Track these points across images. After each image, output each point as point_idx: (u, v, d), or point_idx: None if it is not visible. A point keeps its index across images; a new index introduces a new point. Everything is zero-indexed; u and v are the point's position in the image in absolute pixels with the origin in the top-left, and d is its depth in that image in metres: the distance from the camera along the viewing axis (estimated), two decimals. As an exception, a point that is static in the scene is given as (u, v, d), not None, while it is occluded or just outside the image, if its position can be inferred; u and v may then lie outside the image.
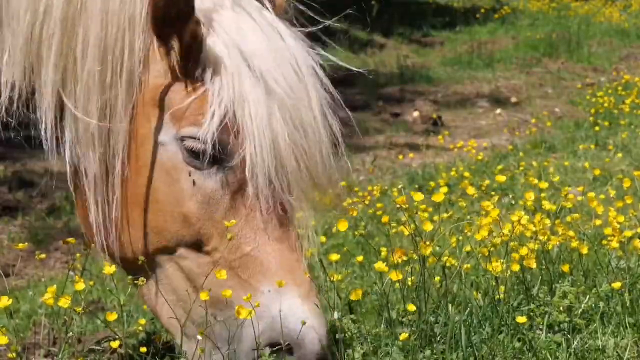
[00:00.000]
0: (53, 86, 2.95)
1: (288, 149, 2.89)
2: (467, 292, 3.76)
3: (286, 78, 2.94)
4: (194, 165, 2.91)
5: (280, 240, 2.91)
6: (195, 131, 2.88)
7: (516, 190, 7.59)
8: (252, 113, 2.88)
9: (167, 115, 2.93)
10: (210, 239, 2.92)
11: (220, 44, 2.93)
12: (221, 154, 2.89)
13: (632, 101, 11.41)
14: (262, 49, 2.95)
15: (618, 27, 19.02)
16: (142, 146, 2.96)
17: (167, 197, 2.94)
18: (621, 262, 4.04)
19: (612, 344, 3.46)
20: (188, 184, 2.92)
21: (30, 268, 7.03)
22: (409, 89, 13.81)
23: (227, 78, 2.89)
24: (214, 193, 2.91)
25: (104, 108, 2.93)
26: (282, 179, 2.90)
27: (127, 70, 2.91)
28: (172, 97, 2.93)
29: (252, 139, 2.87)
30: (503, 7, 21.38)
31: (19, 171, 9.58)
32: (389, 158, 10.23)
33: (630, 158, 8.93)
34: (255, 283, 2.87)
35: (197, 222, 2.91)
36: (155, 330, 4.00)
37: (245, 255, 2.89)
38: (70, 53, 2.95)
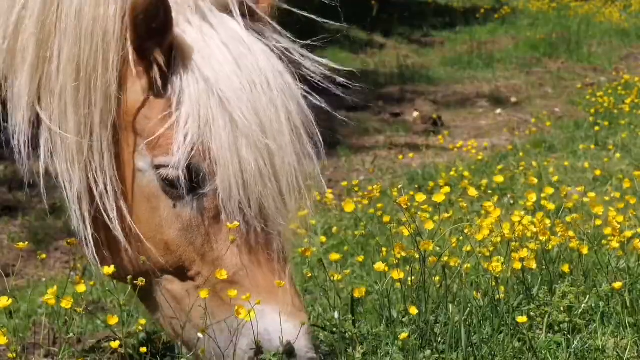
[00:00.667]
0: (28, 98, 2.95)
1: (255, 175, 2.90)
2: (467, 292, 3.76)
3: (253, 103, 2.92)
4: (171, 193, 2.92)
5: (261, 262, 2.94)
6: (167, 160, 2.89)
7: (516, 190, 7.59)
8: (218, 141, 2.88)
9: (142, 142, 2.94)
10: (193, 264, 2.95)
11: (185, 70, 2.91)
12: (195, 181, 2.90)
13: (632, 101, 11.41)
14: (229, 73, 2.92)
15: (618, 27, 19.02)
16: (124, 170, 2.98)
17: (147, 224, 2.96)
18: (621, 262, 4.04)
19: (612, 344, 3.46)
20: (167, 212, 2.93)
21: (30, 268, 7.03)
22: (409, 89, 13.80)
23: (193, 106, 2.88)
24: (193, 220, 2.93)
25: (80, 124, 2.92)
26: (252, 204, 2.90)
27: (102, 87, 2.90)
28: (146, 124, 2.93)
29: (220, 167, 2.87)
30: (503, 7, 21.37)
31: (19, 171, 9.57)
32: (389, 158, 10.23)
33: (630, 158, 8.93)
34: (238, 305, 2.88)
35: (178, 250, 2.94)
36: (155, 330, 4.00)
37: (228, 279, 2.91)
38: (45, 67, 2.93)
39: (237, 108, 2.89)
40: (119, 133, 2.96)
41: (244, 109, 2.90)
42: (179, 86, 2.90)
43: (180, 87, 2.90)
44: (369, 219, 6.33)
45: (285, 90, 3.02)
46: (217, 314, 2.92)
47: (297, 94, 3.07)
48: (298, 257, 5.75)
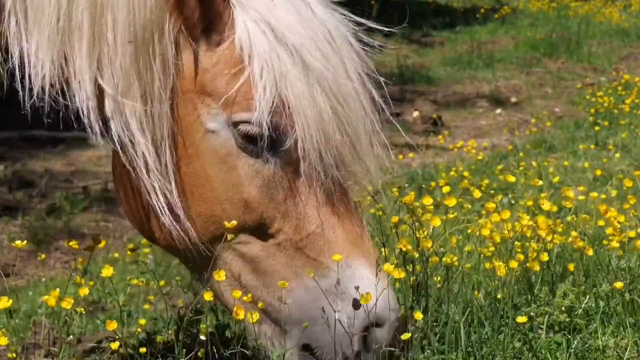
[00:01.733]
0: (90, 75, 2.92)
1: (332, 122, 2.88)
2: (467, 292, 3.76)
3: (321, 50, 2.91)
4: (250, 150, 2.88)
5: (342, 215, 2.91)
6: (248, 116, 2.85)
7: (516, 190, 7.59)
8: (295, 91, 2.85)
9: (214, 101, 2.90)
10: (274, 221, 2.90)
11: (250, 22, 2.89)
12: (276, 135, 2.87)
13: (632, 101, 11.41)
14: (294, 23, 2.90)
15: (618, 27, 19.02)
16: (190, 134, 2.93)
17: (223, 185, 2.91)
18: (621, 262, 4.04)
19: (612, 344, 3.46)
20: (246, 169, 2.89)
21: (30, 268, 7.03)
22: (409, 89, 13.80)
23: (265, 58, 2.85)
24: (273, 176, 2.90)
25: (144, 92, 2.89)
26: (331, 152, 2.88)
27: (160, 54, 2.88)
28: (216, 82, 2.90)
29: (298, 117, 2.85)
30: (503, 7, 21.37)
31: (19, 171, 9.58)
32: (388, 158, 10.21)
33: (630, 158, 8.93)
34: (325, 260, 2.87)
35: (259, 207, 2.90)
36: (155, 330, 4.00)
37: (311, 233, 2.89)
38: (102, 40, 2.90)
39: (308, 56, 2.88)
40: (180, 99, 2.93)
41: (315, 57, 2.89)
42: (247, 39, 2.87)
43: (248, 40, 2.87)
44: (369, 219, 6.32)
45: (345, 39, 3.03)
46: (304, 275, 2.88)
47: (355, 44, 3.08)
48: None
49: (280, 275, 2.89)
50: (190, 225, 2.96)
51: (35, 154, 10.17)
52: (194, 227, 2.96)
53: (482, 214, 5.29)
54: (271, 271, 2.91)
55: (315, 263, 2.87)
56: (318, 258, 2.87)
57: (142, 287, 5.49)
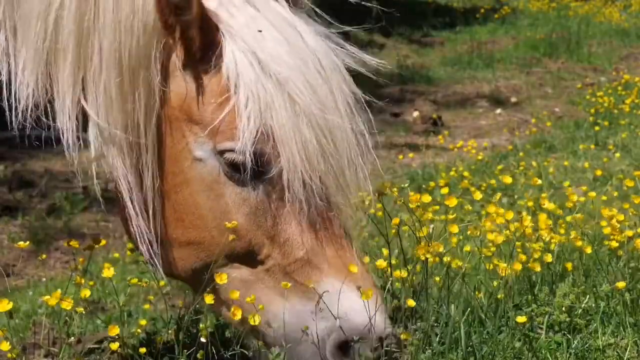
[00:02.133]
0: (73, 96, 2.94)
1: (317, 153, 2.90)
2: (468, 292, 3.76)
3: (309, 81, 2.93)
4: (236, 178, 2.91)
5: (329, 240, 2.93)
6: (232, 145, 2.87)
7: (516, 190, 7.59)
8: (279, 122, 2.87)
9: (201, 130, 2.92)
10: (262, 247, 2.93)
11: (238, 52, 2.90)
12: (260, 164, 2.89)
13: (632, 101, 11.41)
14: (282, 53, 2.92)
15: (618, 27, 19.02)
16: (179, 162, 2.95)
17: (212, 212, 2.94)
18: (621, 262, 4.04)
19: (612, 344, 3.46)
20: (233, 197, 2.92)
21: (30, 268, 7.03)
22: (409, 89, 13.81)
23: (251, 89, 2.87)
24: (260, 203, 2.92)
25: (126, 119, 2.92)
26: (314, 183, 2.90)
27: (146, 82, 2.90)
28: (204, 111, 2.92)
29: (283, 147, 2.88)
30: (503, 7, 21.38)
31: (19, 171, 9.58)
32: (389, 158, 10.23)
33: (630, 158, 8.93)
34: (312, 285, 2.88)
35: (247, 234, 2.92)
36: (155, 330, 4.00)
37: (299, 259, 2.91)
38: (88, 63, 2.93)
39: (294, 87, 2.89)
40: (166, 127, 2.95)
41: (301, 88, 2.90)
42: (234, 69, 2.89)
43: (235, 71, 2.89)
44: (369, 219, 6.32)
45: (335, 68, 3.04)
46: (291, 297, 2.89)
47: (345, 74, 3.09)
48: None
49: (268, 299, 2.92)
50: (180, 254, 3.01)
51: (35, 154, 10.17)
52: (185, 255, 3.00)
53: (482, 214, 5.29)
54: (260, 295, 2.93)
55: (302, 287, 2.89)
56: (305, 283, 2.89)
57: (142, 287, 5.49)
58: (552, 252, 3.97)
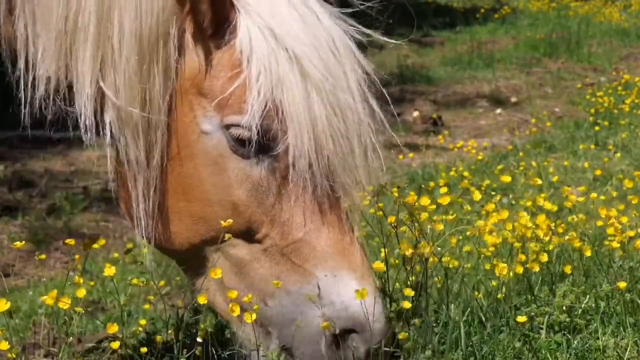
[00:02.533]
0: (92, 77, 2.93)
1: (326, 132, 2.87)
2: (468, 292, 3.76)
3: (323, 59, 2.90)
4: (241, 153, 2.89)
5: (330, 223, 2.90)
6: (239, 119, 2.86)
7: (516, 190, 7.59)
8: (290, 97, 2.85)
9: (209, 103, 2.91)
10: (261, 226, 2.91)
11: (253, 27, 2.89)
12: (266, 140, 2.86)
13: (632, 101, 11.41)
14: (297, 30, 2.90)
15: (618, 27, 19.02)
16: (186, 136, 2.94)
17: (214, 187, 2.92)
18: (621, 262, 4.04)
19: (612, 344, 3.46)
20: (236, 172, 2.90)
21: (30, 268, 7.03)
22: (409, 89, 13.81)
23: (264, 63, 2.85)
24: (263, 180, 2.90)
25: (144, 97, 2.90)
26: (321, 162, 2.87)
27: (164, 58, 2.89)
28: (213, 84, 2.91)
29: (291, 123, 2.85)
30: (503, 7, 21.38)
31: (19, 171, 9.58)
32: (389, 158, 10.23)
33: (630, 158, 8.93)
34: (310, 268, 2.86)
35: (247, 210, 2.90)
36: (155, 330, 4.00)
37: (298, 240, 2.88)
38: (107, 43, 2.92)
39: (309, 64, 2.87)
40: (177, 101, 2.94)
41: (315, 65, 2.88)
42: (248, 43, 2.88)
43: (249, 45, 2.87)
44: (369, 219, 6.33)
45: (349, 49, 3.02)
46: (287, 280, 2.88)
47: (360, 57, 3.07)
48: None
49: (264, 279, 2.90)
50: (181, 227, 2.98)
51: (35, 154, 10.17)
52: (184, 229, 2.97)
53: (482, 214, 5.29)
54: (255, 275, 2.91)
55: (300, 270, 2.87)
56: (303, 265, 2.86)
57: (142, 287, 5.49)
58: (550, 252, 3.97)
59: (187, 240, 2.99)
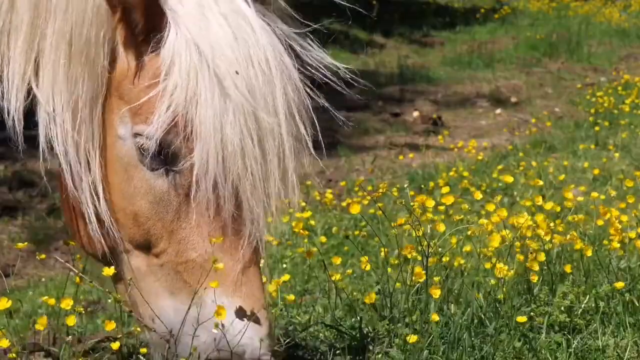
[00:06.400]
0: (23, 76, 2.93)
1: (237, 155, 2.79)
2: (468, 292, 3.76)
3: (249, 79, 2.83)
4: (145, 163, 2.86)
5: (228, 249, 2.83)
6: (143, 129, 2.82)
7: (516, 190, 7.59)
8: (202, 116, 2.78)
9: (126, 109, 2.88)
10: (159, 240, 2.88)
11: (180, 40, 2.83)
12: (168, 154, 2.82)
13: (632, 101, 11.42)
14: (225, 47, 2.83)
15: (618, 27, 19.03)
16: (106, 139, 2.94)
17: (122, 194, 2.92)
18: (622, 262, 4.04)
19: (612, 344, 3.46)
20: (140, 182, 2.88)
21: (30, 268, 7.03)
22: (409, 89, 13.81)
23: (182, 77, 2.80)
24: (164, 194, 2.86)
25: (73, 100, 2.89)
26: (227, 185, 2.80)
27: (91, 62, 2.87)
28: (132, 91, 2.88)
29: (199, 142, 2.79)
30: (503, 7, 21.39)
31: (19, 171, 9.58)
32: (389, 158, 10.24)
33: (630, 158, 8.94)
34: (200, 290, 2.82)
35: (147, 222, 2.88)
36: (155, 330, 3.99)
37: (191, 261, 2.84)
38: (39, 45, 2.91)
39: (230, 84, 2.80)
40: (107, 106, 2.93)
41: (237, 86, 2.80)
42: (171, 56, 2.82)
43: (171, 57, 2.82)
44: (369, 219, 6.34)
45: (284, 71, 2.91)
46: (178, 296, 2.86)
47: (295, 78, 2.95)
48: (298, 257, 5.76)
49: (155, 295, 2.89)
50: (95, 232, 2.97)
51: (35, 154, 10.16)
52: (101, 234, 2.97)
53: (482, 214, 5.29)
54: (149, 289, 2.91)
55: (191, 290, 2.83)
56: (194, 285, 2.82)
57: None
58: (550, 252, 3.97)
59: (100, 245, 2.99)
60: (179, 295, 2.86)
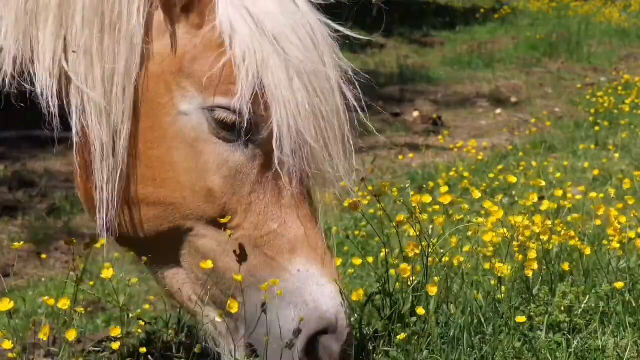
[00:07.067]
0: (54, 57, 2.84)
1: (309, 117, 2.76)
2: (468, 292, 3.76)
3: (302, 42, 2.81)
4: (222, 137, 2.77)
5: (304, 217, 2.80)
6: (227, 101, 2.74)
7: (516, 190, 7.60)
8: (275, 79, 2.74)
9: (191, 84, 2.80)
10: (235, 215, 2.78)
11: (231, 7, 2.79)
12: (251, 124, 2.76)
13: (632, 101, 11.42)
14: (274, 11, 2.80)
15: (618, 27, 19.03)
16: (159, 118, 2.82)
17: (188, 171, 2.80)
18: (621, 262, 4.04)
19: (612, 344, 3.46)
20: (214, 156, 2.78)
21: (30, 268, 7.03)
22: (409, 89, 13.81)
23: (247, 44, 2.75)
24: (242, 166, 2.78)
25: (107, 77, 2.80)
26: (304, 150, 2.77)
27: (126, 36, 2.79)
28: (196, 65, 2.80)
29: (277, 107, 2.74)
30: (503, 7, 21.39)
31: (19, 171, 9.58)
32: (389, 158, 10.23)
33: (630, 158, 8.94)
34: (283, 262, 2.76)
35: (223, 197, 2.78)
36: (155, 330, 4.00)
37: (272, 232, 2.77)
38: (69, 21, 2.83)
39: (289, 45, 2.77)
40: (146, 83, 2.82)
41: (296, 47, 2.78)
42: (228, 24, 2.77)
43: (229, 25, 2.77)
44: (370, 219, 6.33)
45: (326, 36, 2.91)
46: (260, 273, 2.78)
47: (334, 45, 2.95)
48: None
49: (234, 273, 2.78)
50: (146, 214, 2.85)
51: (35, 154, 10.17)
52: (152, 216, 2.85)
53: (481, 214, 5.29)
54: (225, 268, 2.80)
55: (273, 263, 2.77)
56: (276, 258, 2.77)
57: (141, 287, 5.48)
58: (549, 252, 3.97)
59: (154, 228, 2.86)
60: (260, 271, 2.78)
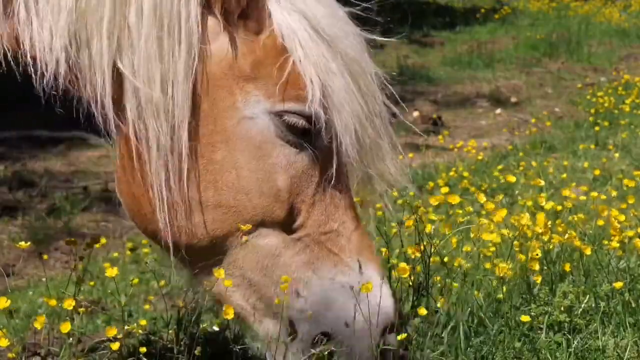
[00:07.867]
0: (108, 58, 2.82)
1: (367, 118, 2.87)
2: (468, 292, 3.76)
3: (352, 44, 2.89)
4: (288, 140, 2.84)
5: (356, 217, 2.94)
6: (297, 107, 2.81)
7: (516, 190, 7.60)
8: (336, 83, 2.83)
9: (257, 89, 2.85)
10: (299, 215, 2.87)
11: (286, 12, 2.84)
12: (317, 127, 2.83)
13: (632, 101, 11.42)
14: (324, 14, 2.87)
15: (618, 27, 19.04)
16: (220, 120, 2.84)
17: (254, 173, 2.84)
18: (621, 262, 4.05)
19: (612, 344, 3.46)
20: (281, 158, 2.85)
21: (30, 268, 7.04)
22: (409, 89, 13.81)
23: (307, 48, 2.82)
24: (307, 168, 2.87)
25: (165, 77, 2.81)
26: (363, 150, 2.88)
27: (185, 36, 2.81)
28: (260, 70, 2.85)
29: (339, 111, 2.83)
30: (503, 7, 21.40)
31: (19, 171, 9.59)
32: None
33: (630, 158, 8.94)
34: (345, 257, 2.87)
35: (289, 198, 2.86)
36: (155, 330, 4.01)
37: (333, 231, 2.89)
38: (123, 21, 2.81)
39: (344, 49, 2.85)
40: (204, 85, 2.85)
41: (350, 51, 2.87)
42: (288, 28, 2.83)
43: (289, 30, 2.83)
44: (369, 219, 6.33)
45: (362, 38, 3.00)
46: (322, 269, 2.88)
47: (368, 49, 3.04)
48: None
49: (296, 269, 2.86)
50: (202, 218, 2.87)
51: (35, 154, 10.18)
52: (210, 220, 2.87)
53: (482, 214, 5.30)
54: (287, 265, 2.86)
55: (336, 258, 2.87)
56: (339, 254, 2.86)
57: (142, 287, 5.49)
58: (550, 252, 3.97)
59: (211, 232, 2.88)
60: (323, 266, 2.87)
